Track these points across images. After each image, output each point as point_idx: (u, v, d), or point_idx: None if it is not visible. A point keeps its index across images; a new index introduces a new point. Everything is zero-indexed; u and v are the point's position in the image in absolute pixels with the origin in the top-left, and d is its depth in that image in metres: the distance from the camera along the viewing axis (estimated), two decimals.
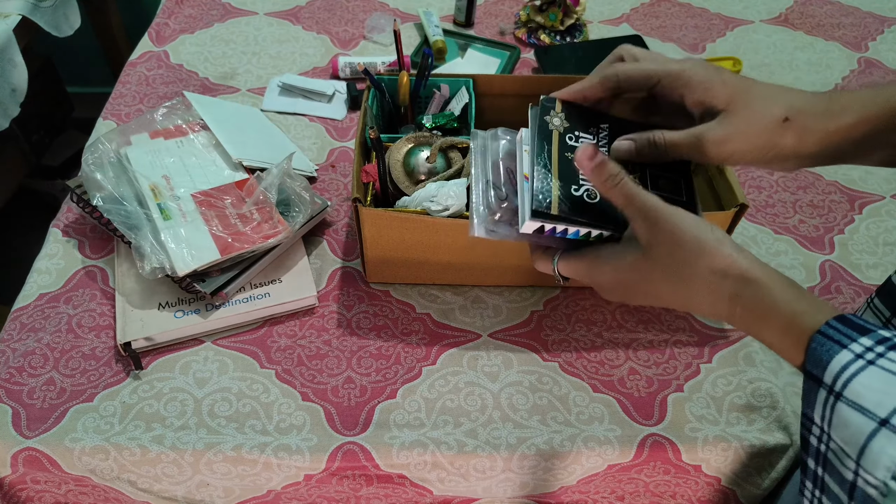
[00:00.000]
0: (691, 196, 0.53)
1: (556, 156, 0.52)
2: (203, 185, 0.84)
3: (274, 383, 0.75)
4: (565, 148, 0.53)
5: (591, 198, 0.51)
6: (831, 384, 0.40)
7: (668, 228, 0.47)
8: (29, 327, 0.78)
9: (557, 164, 0.52)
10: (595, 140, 0.54)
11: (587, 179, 0.51)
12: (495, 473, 0.72)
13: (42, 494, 0.74)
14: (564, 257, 0.52)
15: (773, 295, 0.44)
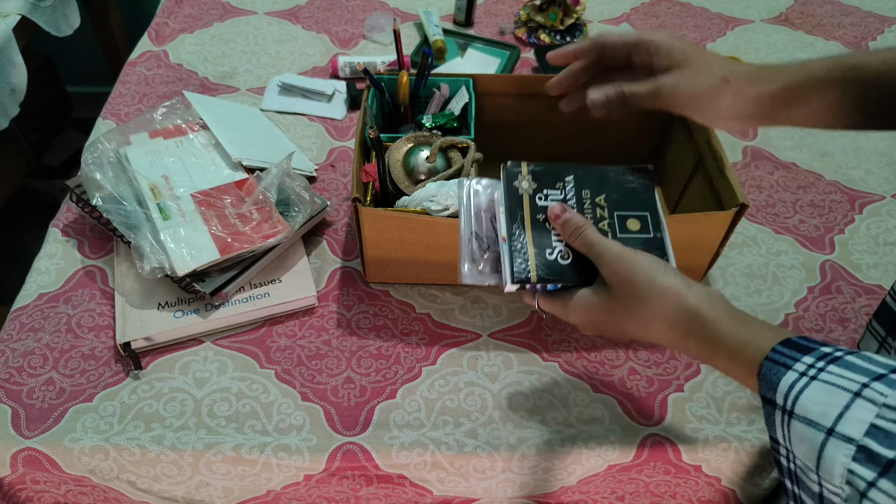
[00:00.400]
0: (658, 229, 0.60)
1: (529, 219, 0.59)
2: (202, 185, 0.84)
3: (273, 383, 0.75)
4: (535, 209, 0.59)
5: (564, 258, 0.58)
6: (783, 404, 0.44)
7: (624, 272, 0.53)
8: (28, 327, 0.78)
9: (530, 227, 0.58)
10: (562, 194, 0.60)
11: (559, 240, 0.58)
12: (495, 474, 0.72)
13: (42, 494, 0.74)
14: (543, 296, 0.59)
15: (718, 328, 0.49)
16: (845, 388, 0.41)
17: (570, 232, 0.57)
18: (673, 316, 0.51)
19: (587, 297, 0.56)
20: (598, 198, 0.60)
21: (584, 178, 0.61)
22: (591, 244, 0.55)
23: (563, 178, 0.61)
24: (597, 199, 0.60)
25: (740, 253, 0.90)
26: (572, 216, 0.57)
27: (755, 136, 1.07)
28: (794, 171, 1.02)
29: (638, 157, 0.99)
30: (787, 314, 0.84)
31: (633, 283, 0.52)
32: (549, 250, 0.58)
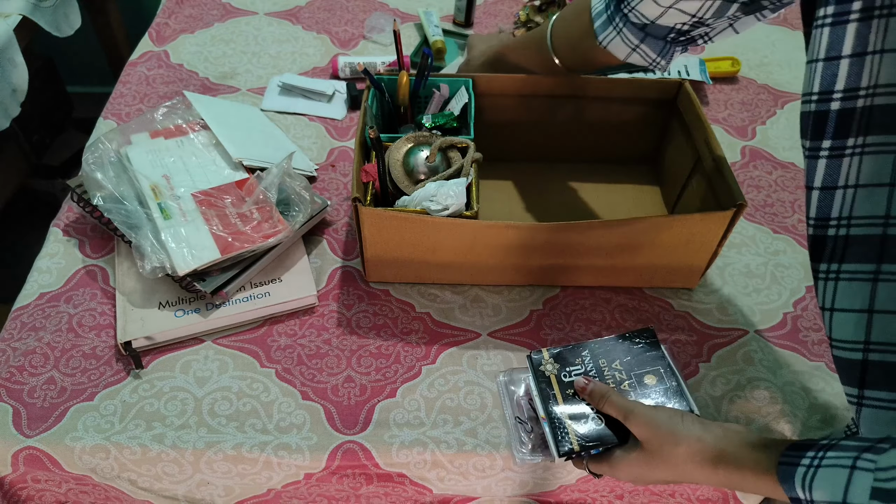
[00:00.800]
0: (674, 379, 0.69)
1: (560, 396, 0.68)
2: (203, 185, 0.84)
3: (274, 382, 0.75)
4: (564, 386, 0.68)
5: (598, 424, 0.65)
6: (804, 496, 0.50)
7: (650, 428, 0.60)
8: (29, 326, 0.79)
9: (562, 401, 0.67)
10: (583, 368, 0.69)
11: (593, 407, 0.66)
12: (494, 472, 0.72)
13: (42, 493, 0.74)
14: (592, 460, 0.66)
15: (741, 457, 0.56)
16: (843, 465, 0.47)
17: (598, 399, 0.66)
18: (700, 457, 0.58)
19: (626, 456, 0.63)
20: (614, 363, 0.69)
21: (598, 351, 0.70)
22: (617, 408, 0.63)
23: (581, 355, 0.70)
24: (614, 366, 0.69)
25: (739, 252, 0.90)
26: (596, 386, 0.66)
27: (753, 136, 1.08)
28: (793, 170, 1.02)
29: (637, 157, 1.00)
30: (786, 313, 0.84)
31: (660, 437, 0.60)
32: (584, 420, 0.66)
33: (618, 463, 0.64)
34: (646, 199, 0.96)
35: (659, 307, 0.84)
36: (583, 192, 0.96)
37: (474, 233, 0.77)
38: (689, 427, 0.60)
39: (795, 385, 0.77)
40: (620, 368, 0.69)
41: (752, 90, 1.16)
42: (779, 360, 0.79)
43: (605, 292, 0.85)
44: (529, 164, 0.99)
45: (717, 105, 1.13)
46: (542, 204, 0.95)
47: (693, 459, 0.58)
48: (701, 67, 1.13)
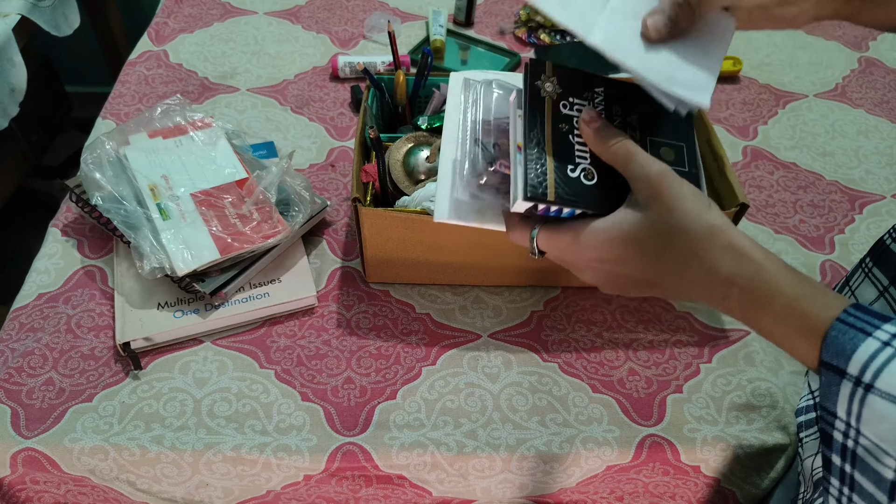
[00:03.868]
0: (694, 164, 0.51)
1: (550, 128, 0.48)
2: (202, 185, 0.84)
3: (273, 383, 0.75)
4: (559, 118, 0.49)
5: (589, 178, 0.48)
6: (858, 375, 0.37)
7: (668, 195, 0.43)
8: (28, 327, 0.78)
9: (551, 137, 0.48)
10: (590, 105, 0.50)
11: (584, 155, 0.48)
12: (494, 474, 0.72)
13: (41, 495, 0.74)
14: (546, 229, 0.47)
15: (775, 277, 0.41)
16: None
17: (604, 139, 0.47)
18: (718, 256, 0.42)
19: (611, 227, 0.45)
20: (631, 117, 0.51)
21: (617, 93, 0.51)
22: (632, 156, 0.46)
23: (593, 89, 0.51)
24: (629, 119, 0.51)
25: None
26: (609, 125, 0.48)
27: (755, 136, 1.07)
28: (794, 170, 1.02)
29: None
30: None
31: (676, 210, 0.43)
32: (571, 167, 0.48)
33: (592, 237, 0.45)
34: None
35: (660, 308, 0.84)
36: None
37: (474, 233, 0.76)
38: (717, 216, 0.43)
39: (797, 385, 0.77)
40: (636, 126, 0.51)
41: (753, 90, 1.15)
42: (780, 361, 0.79)
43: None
44: None
45: (719, 105, 1.12)
46: None
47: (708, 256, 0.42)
48: None
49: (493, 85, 0.54)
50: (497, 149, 0.51)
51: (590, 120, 0.48)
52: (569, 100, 0.50)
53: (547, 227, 0.48)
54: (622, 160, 0.46)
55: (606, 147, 0.46)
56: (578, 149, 0.49)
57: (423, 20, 1.26)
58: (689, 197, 0.43)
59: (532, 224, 0.49)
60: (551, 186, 0.47)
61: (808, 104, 1.14)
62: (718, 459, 0.73)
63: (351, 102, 1.09)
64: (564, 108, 0.50)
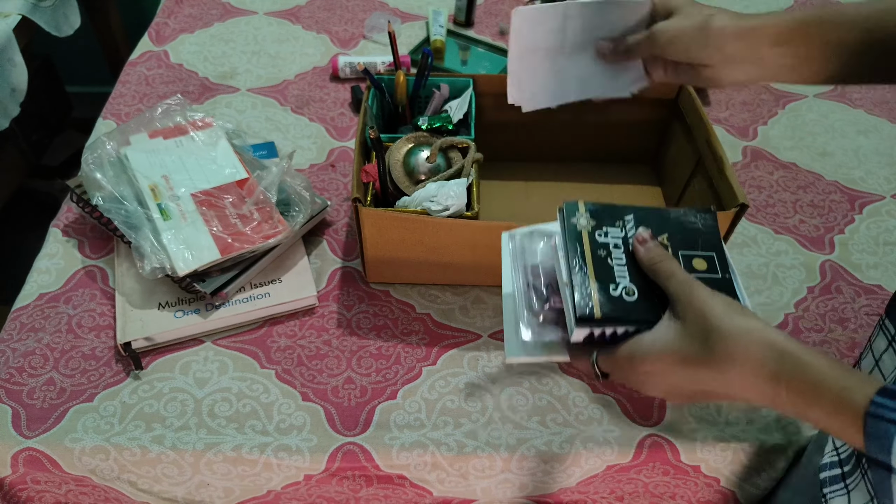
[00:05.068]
0: (727, 270, 0.55)
1: (590, 255, 0.54)
2: (203, 185, 0.84)
3: (274, 383, 0.75)
4: (596, 246, 0.55)
5: (630, 295, 0.52)
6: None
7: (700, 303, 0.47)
8: (29, 327, 0.78)
9: (592, 263, 0.54)
10: (622, 232, 0.56)
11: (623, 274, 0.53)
12: (494, 474, 0.72)
13: (42, 494, 0.74)
14: (604, 352, 0.51)
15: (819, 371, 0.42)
16: None
17: (652, 257, 0.52)
18: (760, 356, 0.43)
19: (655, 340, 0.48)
20: (661, 237, 0.56)
21: (645, 218, 0.57)
22: (674, 272, 0.50)
23: (623, 217, 0.57)
24: (659, 238, 0.56)
25: (740, 253, 0.90)
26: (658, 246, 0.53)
27: (755, 136, 1.08)
28: (794, 171, 1.02)
29: (638, 157, 0.99)
30: (787, 314, 0.84)
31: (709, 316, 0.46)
32: (613, 286, 0.53)
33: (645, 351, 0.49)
34: (646, 199, 0.96)
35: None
36: (583, 192, 0.96)
37: (475, 233, 0.77)
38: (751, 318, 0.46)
39: None
40: (667, 244, 0.56)
41: (753, 90, 1.15)
42: None
43: None
44: (529, 164, 0.98)
45: (719, 105, 1.12)
46: (543, 204, 0.94)
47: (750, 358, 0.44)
48: None
49: (535, 234, 0.61)
50: (549, 289, 0.57)
51: (642, 240, 0.53)
52: (602, 229, 0.56)
53: (603, 350, 0.52)
54: (664, 276, 0.50)
55: (653, 264, 0.51)
56: (617, 269, 0.54)
57: (423, 20, 1.26)
58: (719, 304, 0.46)
59: (591, 350, 0.53)
60: (597, 306, 0.51)
61: (808, 104, 1.14)
62: (718, 459, 0.73)
63: (351, 102, 1.09)
64: (600, 237, 0.55)
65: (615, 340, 0.52)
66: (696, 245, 0.56)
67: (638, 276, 0.53)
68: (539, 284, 0.58)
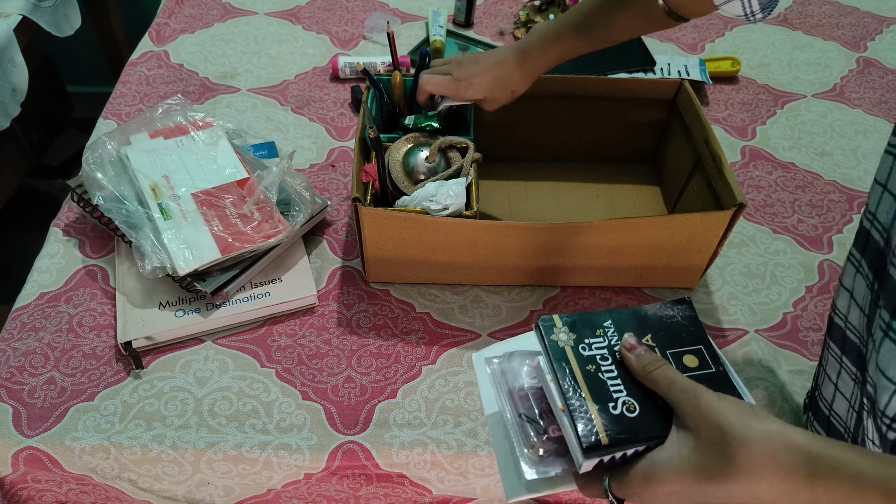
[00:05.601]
0: (718, 362, 0.52)
1: (580, 373, 0.51)
2: (203, 185, 0.84)
3: (274, 382, 0.75)
4: (583, 361, 0.52)
5: (631, 411, 0.49)
6: None
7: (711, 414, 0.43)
8: (30, 326, 0.79)
9: (585, 383, 0.51)
10: (605, 341, 0.53)
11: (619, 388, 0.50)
12: (494, 472, 0.72)
13: (43, 493, 0.75)
14: (616, 476, 0.48)
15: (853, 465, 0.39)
16: None
17: (645, 365, 0.48)
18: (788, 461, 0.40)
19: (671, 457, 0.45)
20: (645, 339, 0.53)
21: (623, 321, 0.54)
22: (671, 381, 0.46)
23: (602, 325, 0.54)
24: (645, 340, 0.53)
25: (739, 252, 0.91)
26: (649, 351, 0.50)
27: (754, 136, 1.08)
28: (793, 170, 1.02)
29: (637, 157, 1.00)
30: (786, 313, 0.84)
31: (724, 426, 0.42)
32: (612, 404, 0.49)
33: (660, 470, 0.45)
34: (646, 199, 0.96)
35: None
36: (583, 192, 0.96)
37: (474, 233, 0.77)
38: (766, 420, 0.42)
39: (795, 385, 0.77)
40: (654, 345, 0.53)
41: (752, 90, 1.16)
42: (779, 360, 0.79)
43: (605, 292, 0.85)
44: (529, 164, 0.99)
45: (717, 105, 1.13)
46: (543, 204, 0.95)
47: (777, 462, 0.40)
48: (701, 67, 1.13)
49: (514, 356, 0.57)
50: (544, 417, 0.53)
51: (630, 347, 0.50)
52: (584, 342, 0.53)
53: (615, 474, 0.48)
54: (664, 385, 0.47)
55: (646, 374, 0.48)
56: (611, 384, 0.51)
57: (423, 21, 1.26)
58: (730, 410, 0.43)
59: (601, 475, 0.49)
60: (602, 433, 0.48)
61: (807, 104, 1.14)
62: None
63: (351, 103, 1.09)
64: (584, 351, 0.52)
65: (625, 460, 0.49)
66: (681, 341, 0.54)
67: (633, 386, 0.50)
68: (532, 414, 0.53)
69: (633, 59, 1.14)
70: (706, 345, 0.54)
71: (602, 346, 0.52)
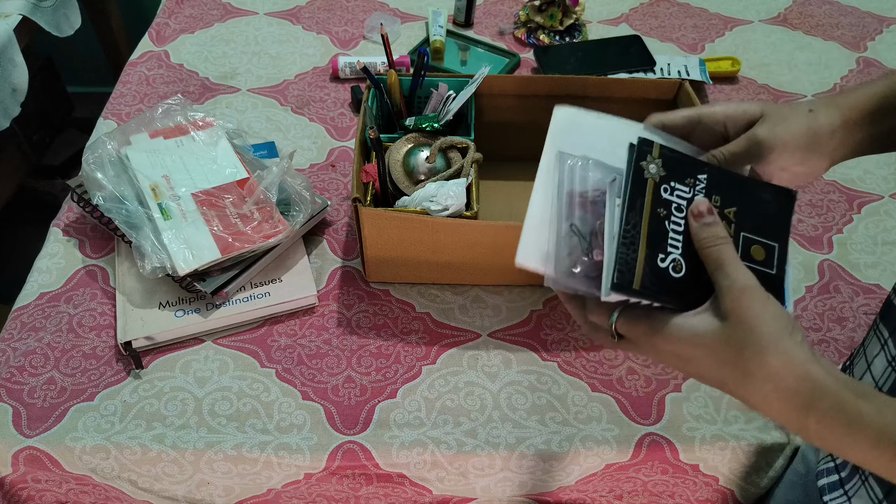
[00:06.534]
0: (782, 267, 0.50)
1: (648, 213, 0.48)
2: (203, 185, 0.84)
3: (274, 382, 0.75)
4: (658, 202, 0.48)
5: (677, 271, 0.47)
6: None
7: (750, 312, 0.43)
8: (30, 326, 0.79)
9: (647, 223, 0.48)
10: (690, 192, 0.49)
11: (676, 244, 0.48)
12: (494, 473, 0.73)
13: (43, 493, 0.75)
14: (627, 314, 0.48)
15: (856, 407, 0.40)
16: None
17: (706, 237, 0.47)
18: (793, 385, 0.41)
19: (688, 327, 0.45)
20: (729, 210, 0.50)
21: (719, 182, 0.50)
22: (723, 263, 0.45)
23: (696, 175, 0.50)
24: (726, 211, 0.49)
25: None
26: (717, 223, 0.47)
27: None
28: None
29: None
30: None
31: (755, 330, 0.43)
32: (662, 256, 0.47)
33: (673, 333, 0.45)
34: None
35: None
36: None
37: (474, 233, 0.77)
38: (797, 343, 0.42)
39: None
40: (733, 220, 0.49)
41: (752, 90, 1.16)
42: None
43: None
44: (529, 164, 0.98)
45: None
46: None
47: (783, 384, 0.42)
48: (701, 67, 1.13)
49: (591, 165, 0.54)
50: (593, 237, 0.51)
51: (697, 214, 0.48)
52: (670, 183, 0.49)
53: (627, 313, 0.48)
54: (713, 265, 0.46)
55: (704, 248, 0.47)
56: (672, 237, 0.48)
57: (422, 21, 1.26)
58: (768, 321, 0.43)
59: (612, 308, 0.49)
60: (638, 277, 0.46)
61: None
62: (717, 458, 0.73)
63: (351, 103, 1.09)
64: (665, 193, 0.49)
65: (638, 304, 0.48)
66: (761, 229, 0.50)
67: (691, 249, 0.47)
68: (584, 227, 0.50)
69: (633, 59, 1.14)
70: (782, 245, 0.50)
71: (685, 195, 0.49)
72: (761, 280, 0.45)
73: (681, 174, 0.50)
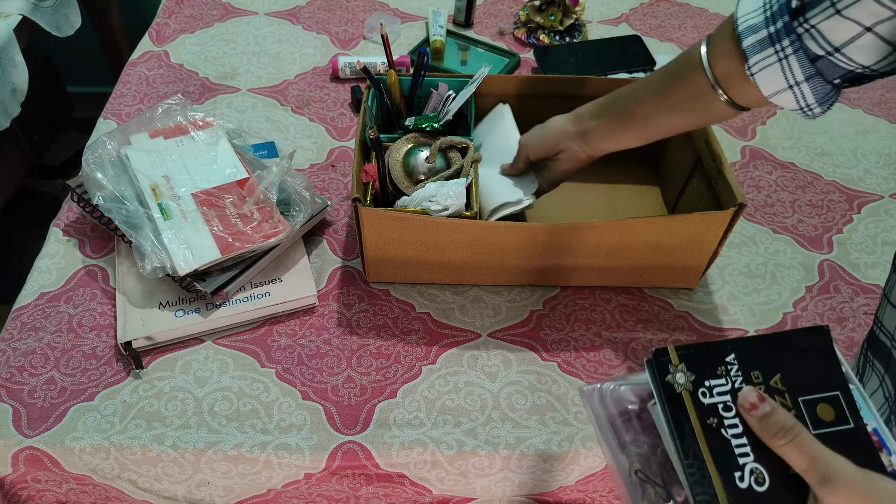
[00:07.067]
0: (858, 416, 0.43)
1: (700, 431, 0.43)
2: (203, 185, 0.84)
3: (274, 382, 0.75)
4: (704, 413, 0.43)
5: (760, 483, 0.41)
6: None
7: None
8: (30, 326, 0.79)
9: (705, 440, 0.42)
10: (728, 383, 0.44)
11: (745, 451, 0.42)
12: (494, 473, 0.73)
13: (43, 493, 0.75)
14: None
15: None
16: None
17: (776, 432, 0.40)
18: None
19: None
20: (774, 380, 0.44)
21: (750, 355, 0.45)
22: (814, 457, 0.39)
23: (724, 361, 0.45)
24: (772, 383, 0.44)
25: (739, 252, 0.91)
26: (777, 409, 0.41)
27: (753, 136, 1.08)
28: (793, 170, 1.02)
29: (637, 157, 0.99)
30: (786, 313, 0.84)
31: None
32: (739, 474, 0.41)
33: None
34: (646, 199, 0.96)
35: (659, 307, 0.84)
36: (583, 192, 0.96)
37: (474, 233, 0.77)
38: None
39: None
40: (783, 389, 0.44)
41: None
42: None
43: (605, 292, 0.85)
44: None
45: None
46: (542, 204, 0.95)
47: None
48: None
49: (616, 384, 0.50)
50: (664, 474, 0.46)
51: (750, 407, 0.41)
52: (705, 384, 0.44)
53: None
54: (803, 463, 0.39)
55: (775, 445, 0.41)
56: (736, 444, 0.43)
57: (423, 21, 1.26)
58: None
59: None
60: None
61: None
62: None
63: (351, 103, 1.09)
64: (704, 398, 0.44)
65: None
66: (815, 385, 0.44)
67: (760, 444, 0.42)
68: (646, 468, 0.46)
69: (633, 59, 1.14)
70: (844, 391, 0.44)
71: (725, 389, 0.44)
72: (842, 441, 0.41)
73: (710, 368, 0.45)
